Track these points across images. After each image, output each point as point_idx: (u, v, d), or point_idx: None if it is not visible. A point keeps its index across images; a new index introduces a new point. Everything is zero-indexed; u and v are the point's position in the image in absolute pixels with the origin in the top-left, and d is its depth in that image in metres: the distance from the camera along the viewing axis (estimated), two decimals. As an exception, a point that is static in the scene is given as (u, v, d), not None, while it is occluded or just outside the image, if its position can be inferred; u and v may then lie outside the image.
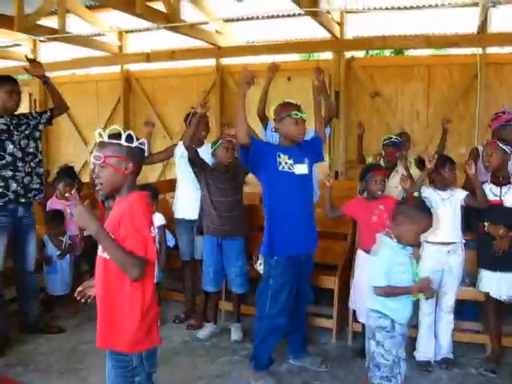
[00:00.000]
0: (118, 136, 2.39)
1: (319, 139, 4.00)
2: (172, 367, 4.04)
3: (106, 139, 2.39)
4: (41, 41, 9.90)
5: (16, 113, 4.53)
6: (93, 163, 2.39)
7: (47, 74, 4.99)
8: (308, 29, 7.79)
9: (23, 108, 10.08)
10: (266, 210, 3.78)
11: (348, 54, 7.84)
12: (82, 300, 2.56)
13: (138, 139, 2.43)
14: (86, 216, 2.29)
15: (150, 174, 8.73)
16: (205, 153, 4.72)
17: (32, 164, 4.50)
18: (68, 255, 5.21)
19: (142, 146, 2.45)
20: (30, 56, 4.77)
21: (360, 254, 4.19)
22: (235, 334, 4.57)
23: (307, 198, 3.83)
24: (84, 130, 9.95)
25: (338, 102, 7.66)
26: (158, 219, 4.62)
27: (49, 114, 4.77)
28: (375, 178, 4.05)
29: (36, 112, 4.79)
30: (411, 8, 6.94)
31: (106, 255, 2.33)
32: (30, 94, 10.32)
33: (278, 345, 3.95)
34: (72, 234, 5.33)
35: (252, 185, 5.10)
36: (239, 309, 4.71)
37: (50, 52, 10.06)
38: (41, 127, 4.68)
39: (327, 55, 8.22)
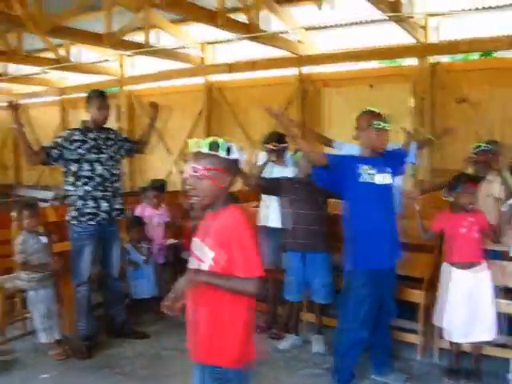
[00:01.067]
0: (216, 147, 2.29)
1: (403, 151, 3.91)
2: (253, 378, 4.02)
3: (204, 150, 2.29)
4: (128, 55, 10.31)
5: (105, 126, 4.71)
6: (189, 174, 2.30)
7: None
8: (390, 34, 7.65)
9: (111, 120, 10.62)
10: (347, 222, 3.70)
11: (432, 59, 7.60)
12: (168, 313, 2.47)
13: (235, 150, 2.33)
14: (180, 286, 2.27)
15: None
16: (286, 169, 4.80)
17: (116, 184, 4.66)
18: (152, 261, 5.36)
19: (240, 158, 2.36)
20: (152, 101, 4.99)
21: (445, 269, 4.01)
22: (317, 346, 4.49)
23: (389, 209, 3.71)
24: (168, 140, 10.22)
25: (423, 109, 7.44)
26: None
27: (133, 145, 4.91)
28: (468, 191, 3.87)
29: (123, 136, 4.99)
30: (498, 8, 6.64)
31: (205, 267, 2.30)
32: (118, 107, 10.73)
33: (362, 359, 3.84)
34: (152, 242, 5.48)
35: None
36: (321, 320, 4.62)
37: (136, 66, 10.47)
38: (123, 152, 4.81)
39: (411, 61, 8.01)
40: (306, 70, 8.53)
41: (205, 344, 2.38)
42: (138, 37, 8.20)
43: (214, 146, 2.29)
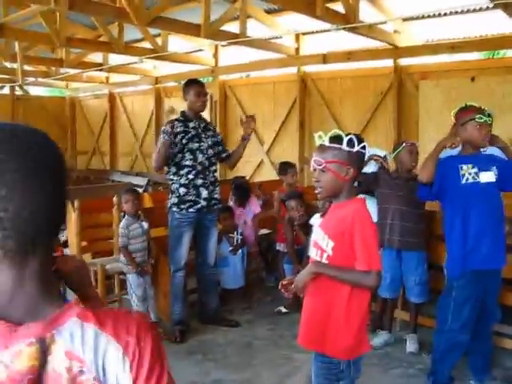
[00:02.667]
0: (338, 140, 2.36)
1: None
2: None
3: (326, 143, 2.37)
4: (222, 45, 10.43)
5: (203, 117, 4.79)
6: (313, 167, 2.40)
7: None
8: (493, 24, 7.26)
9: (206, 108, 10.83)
10: (448, 223, 3.60)
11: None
12: (285, 293, 2.59)
13: (359, 142, 2.37)
14: (302, 277, 2.41)
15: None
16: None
17: (214, 173, 4.77)
18: (240, 251, 5.39)
19: (363, 151, 2.41)
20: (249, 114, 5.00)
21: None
22: (411, 346, 4.37)
23: (494, 209, 3.53)
24: (260, 130, 10.25)
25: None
26: None
27: (225, 153, 4.92)
28: None
29: (221, 139, 5.06)
30: None
31: (323, 260, 2.38)
32: (211, 96, 10.89)
33: (460, 363, 3.71)
34: (244, 231, 5.53)
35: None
36: (416, 319, 4.50)
37: (229, 55, 10.56)
38: (220, 147, 4.87)
39: (515, 52, 7.60)
40: (403, 61, 8.26)
41: (312, 331, 2.46)
42: (232, 27, 8.27)
43: (335, 138, 2.36)
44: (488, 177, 3.48)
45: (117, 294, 5.11)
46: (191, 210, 4.57)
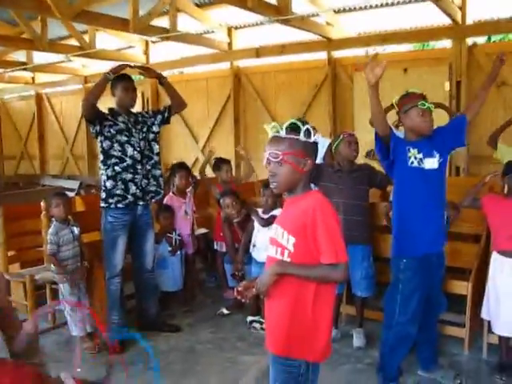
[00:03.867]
0: (295, 130, 2.24)
1: (464, 119, 3.53)
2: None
3: (283, 134, 2.23)
4: (152, 42, 10.15)
5: (133, 110, 4.55)
6: (267, 160, 2.26)
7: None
8: (423, 16, 7.35)
9: (136, 107, 10.52)
10: (395, 209, 3.51)
11: (469, 41, 7.29)
12: (242, 300, 2.40)
13: (314, 132, 2.27)
14: (266, 280, 2.25)
15: (262, 168, 8.68)
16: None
17: (148, 166, 4.50)
18: (179, 252, 5.18)
19: (318, 141, 2.31)
20: (133, 64, 4.73)
21: (495, 257, 3.81)
22: (358, 341, 4.30)
23: (438, 196, 3.48)
24: (194, 127, 10.06)
25: (459, 94, 7.15)
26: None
27: (166, 113, 4.66)
28: None
29: (152, 111, 4.74)
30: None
31: (281, 258, 2.26)
32: (143, 94, 10.60)
33: (407, 354, 3.64)
34: (181, 232, 5.30)
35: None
36: (362, 313, 4.44)
37: (161, 52, 10.30)
38: (155, 128, 4.60)
39: (445, 43, 7.70)
40: (337, 53, 8.26)
41: (287, 337, 2.28)
42: (163, 22, 8.03)
43: (293, 129, 2.24)
44: (431, 163, 3.40)
45: (49, 305, 4.79)
46: (119, 205, 4.31)
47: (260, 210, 4.66)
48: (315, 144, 2.29)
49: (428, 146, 3.43)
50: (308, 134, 2.23)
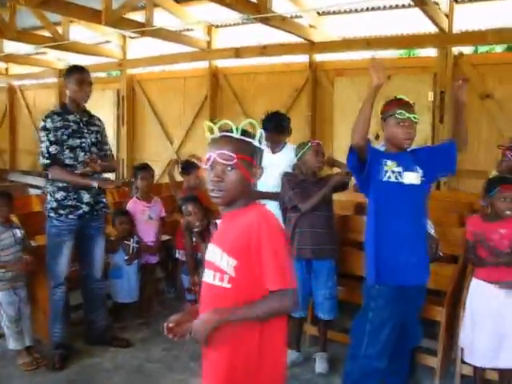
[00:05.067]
0: (250, 133, 1.97)
1: (452, 145, 3.15)
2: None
3: (237, 135, 1.92)
4: (130, 37, 9.78)
5: (88, 110, 4.20)
6: (216, 162, 1.91)
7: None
8: (410, 22, 7.08)
9: (112, 104, 10.15)
10: (370, 227, 3.12)
11: (455, 51, 7.02)
12: (172, 338, 2.05)
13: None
14: (201, 330, 1.89)
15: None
16: (283, 156, 4.31)
17: (100, 175, 4.16)
18: (136, 261, 4.80)
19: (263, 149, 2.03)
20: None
21: (474, 285, 3.48)
22: (320, 366, 3.94)
23: (418, 215, 3.12)
24: (169, 127, 9.70)
25: (444, 104, 6.88)
26: None
27: (100, 151, 4.21)
28: (504, 195, 3.31)
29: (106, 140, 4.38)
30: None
31: (220, 284, 1.94)
32: (118, 92, 10.23)
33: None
34: (144, 239, 4.93)
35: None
36: (326, 336, 4.08)
37: (139, 48, 9.93)
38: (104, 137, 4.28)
39: (431, 51, 7.42)
40: (319, 57, 7.94)
41: (217, 372, 1.96)
42: (139, 16, 7.67)
43: (249, 131, 1.97)
44: (412, 178, 3.04)
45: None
46: (71, 216, 3.94)
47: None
48: (262, 151, 2.01)
49: (410, 160, 3.09)
50: (261, 139, 1.98)
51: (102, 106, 9.57)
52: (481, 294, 3.42)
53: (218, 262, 1.95)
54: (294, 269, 1.93)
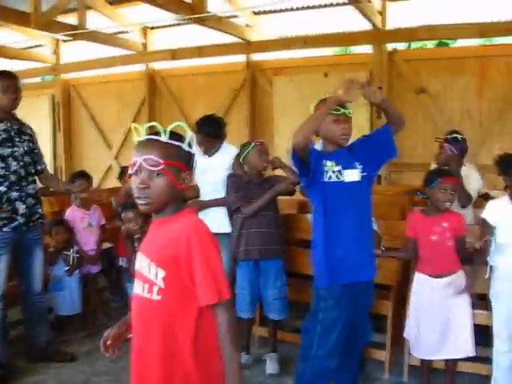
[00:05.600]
0: (179, 135, 1.84)
1: (387, 130, 3.09)
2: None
3: (165, 138, 1.80)
4: (63, 41, 9.50)
5: (18, 118, 4.03)
6: (142, 168, 1.78)
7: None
8: (345, 20, 7.20)
9: (47, 110, 9.82)
10: (319, 229, 3.08)
11: (389, 47, 7.16)
12: (108, 355, 1.99)
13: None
14: None
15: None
16: (220, 157, 4.25)
17: (33, 185, 4.02)
18: (77, 271, 4.65)
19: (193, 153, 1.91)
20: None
21: (417, 278, 3.53)
22: (271, 367, 3.91)
23: (362, 212, 3.10)
24: (107, 133, 9.48)
25: (380, 99, 6.98)
26: None
27: (37, 163, 4.09)
28: (444, 186, 3.36)
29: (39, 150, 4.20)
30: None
31: (149, 296, 1.82)
32: (53, 97, 9.93)
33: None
34: (84, 248, 4.78)
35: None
36: (275, 337, 4.06)
37: (72, 52, 9.66)
38: (32, 158, 4.07)
39: (366, 48, 7.55)
40: (256, 57, 7.95)
41: None
42: (71, 19, 7.46)
43: (178, 134, 1.84)
44: (352, 175, 3.03)
45: None
46: (6, 229, 3.77)
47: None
48: (193, 156, 1.90)
49: (347, 157, 3.07)
50: (190, 143, 1.86)
51: (37, 112, 9.26)
52: (423, 287, 3.47)
53: (147, 273, 1.85)
54: (226, 278, 1.84)
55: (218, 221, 4.10)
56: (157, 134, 1.81)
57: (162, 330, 1.80)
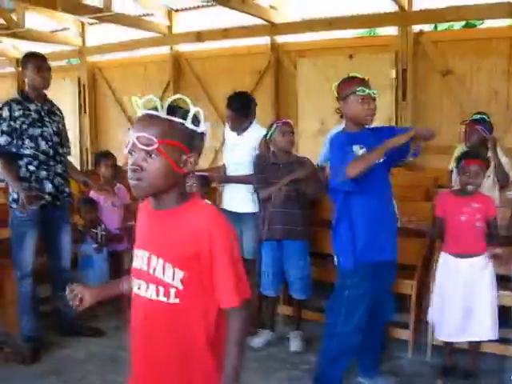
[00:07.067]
0: (181, 111, 1.60)
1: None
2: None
3: (162, 114, 1.57)
4: (89, 24, 9.58)
5: (49, 99, 4.11)
6: (134, 146, 1.57)
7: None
8: (370, 2, 7.10)
9: (73, 93, 9.93)
10: (342, 211, 3.11)
11: (416, 29, 7.07)
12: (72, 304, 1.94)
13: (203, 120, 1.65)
14: None
15: (203, 158, 8.28)
16: (250, 135, 4.26)
17: (62, 164, 4.09)
18: (105, 249, 4.74)
19: (206, 133, 1.67)
20: None
21: (445, 258, 3.54)
22: (295, 344, 3.97)
23: (385, 193, 3.15)
24: (133, 115, 9.52)
25: (406, 82, 6.94)
26: None
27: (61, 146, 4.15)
28: (467, 169, 3.36)
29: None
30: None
31: (164, 299, 1.66)
32: (79, 79, 10.03)
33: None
34: (108, 226, 4.86)
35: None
36: (300, 315, 4.12)
37: (98, 35, 9.72)
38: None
39: (391, 30, 7.46)
40: (280, 39, 7.92)
41: None
42: (96, 1, 7.51)
43: (177, 109, 1.60)
44: None
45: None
46: (34, 207, 3.86)
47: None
48: (203, 136, 1.66)
49: (372, 138, 3.08)
50: (197, 120, 1.62)
51: (64, 95, 9.36)
52: (448, 267, 3.48)
53: (159, 274, 1.65)
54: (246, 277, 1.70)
55: (242, 200, 4.15)
56: (154, 109, 1.59)
57: (181, 334, 1.66)
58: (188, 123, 1.59)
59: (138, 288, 1.72)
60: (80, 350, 4.06)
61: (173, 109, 1.58)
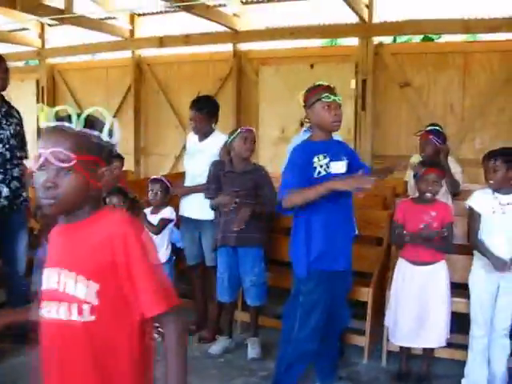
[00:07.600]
0: (96, 123, 1.54)
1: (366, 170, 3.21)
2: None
3: (78, 127, 1.49)
4: (49, 25, 9.42)
5: (7, 100, 4.03)
6: (47, 162, 1.46)
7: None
8: (332, 12, 7.20)
9: (32, 95, 9.73)
10: (300, 220, 3.14)
11: (376, 40, 7.22)
12: None
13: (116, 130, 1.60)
14: None
15: (163, 164, 8.27)
16: (210, 143, 4.28)
17: (19, 168, 4.01)
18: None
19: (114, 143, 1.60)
20: None
21: (402, 265, 3.61)
22: (252, 351, 3.99)
23: (346, 202, 3.17)
24: (94, 119, 9.41)
25: (365, 92, 7.06)
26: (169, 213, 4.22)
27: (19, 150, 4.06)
28: (426, 177, 3.45)
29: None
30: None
31: (78, 318, 1.50)
32: (38, 82, 9.84)
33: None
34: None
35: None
36: (257, 321, 4.13)
37: (59, 37, 9.57)
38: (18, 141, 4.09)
39: (352, 41, 7.59)
40: (243, 46, 7.95)
41: None
42: (58, 2, 7.39)
43: (93, 121, 1.53)
44: (338, 167, 3.09)
45: None
46: None
47: (148, 210, 4.27)
48: (112, 147, 1.60)
49: (336, 148, 3.15)
50: (111, 132, 1.56)
51: (23, 97, 9.15)
52: (404, 274, 3.56)
53: (71, 290, 1.51)
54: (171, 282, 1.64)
55: (200, 207, 4.16)
56: (69, 119, 1.50)
57: (99, 359, 1.51)
58: (104, 135, 1.54)
59: (49, 311, 1.55)
60: (36, 357, 3.97)
61: (88, 121, 1.52)
